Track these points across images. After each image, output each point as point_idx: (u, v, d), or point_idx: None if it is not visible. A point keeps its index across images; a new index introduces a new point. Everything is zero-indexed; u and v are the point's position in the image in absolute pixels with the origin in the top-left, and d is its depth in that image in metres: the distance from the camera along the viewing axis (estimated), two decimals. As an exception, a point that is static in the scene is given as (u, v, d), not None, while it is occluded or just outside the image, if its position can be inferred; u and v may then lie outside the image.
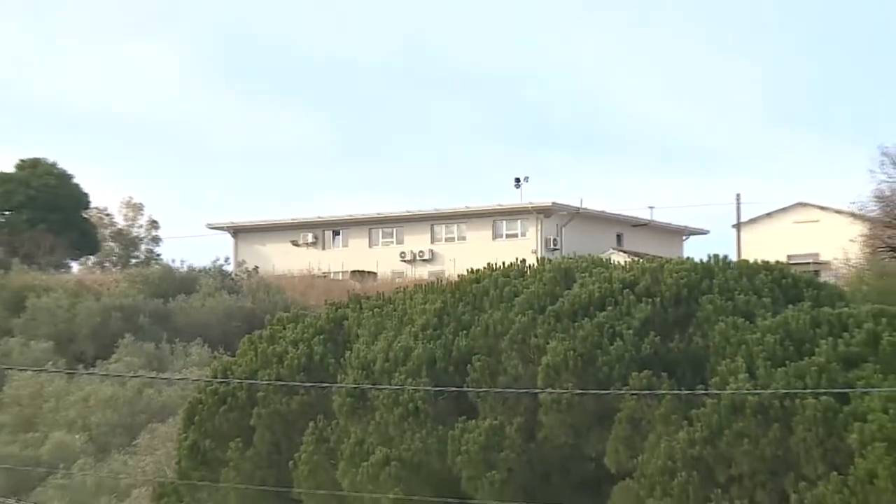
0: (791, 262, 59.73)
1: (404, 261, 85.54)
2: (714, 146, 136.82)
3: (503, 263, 43.80)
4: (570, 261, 43.75)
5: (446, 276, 53.32)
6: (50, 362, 65.30)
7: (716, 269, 40.42)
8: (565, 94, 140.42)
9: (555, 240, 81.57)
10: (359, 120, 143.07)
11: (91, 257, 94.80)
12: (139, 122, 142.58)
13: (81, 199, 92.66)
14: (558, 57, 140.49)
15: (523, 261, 44.42)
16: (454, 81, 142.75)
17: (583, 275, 41.05)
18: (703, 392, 36.47)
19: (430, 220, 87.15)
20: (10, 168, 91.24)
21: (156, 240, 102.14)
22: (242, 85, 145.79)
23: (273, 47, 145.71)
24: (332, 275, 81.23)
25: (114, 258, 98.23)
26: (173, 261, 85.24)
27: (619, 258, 53.49)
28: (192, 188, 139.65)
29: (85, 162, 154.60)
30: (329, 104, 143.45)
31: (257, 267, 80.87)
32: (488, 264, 44.09)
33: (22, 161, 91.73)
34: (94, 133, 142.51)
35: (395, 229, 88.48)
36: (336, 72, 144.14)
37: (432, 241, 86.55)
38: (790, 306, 38.48)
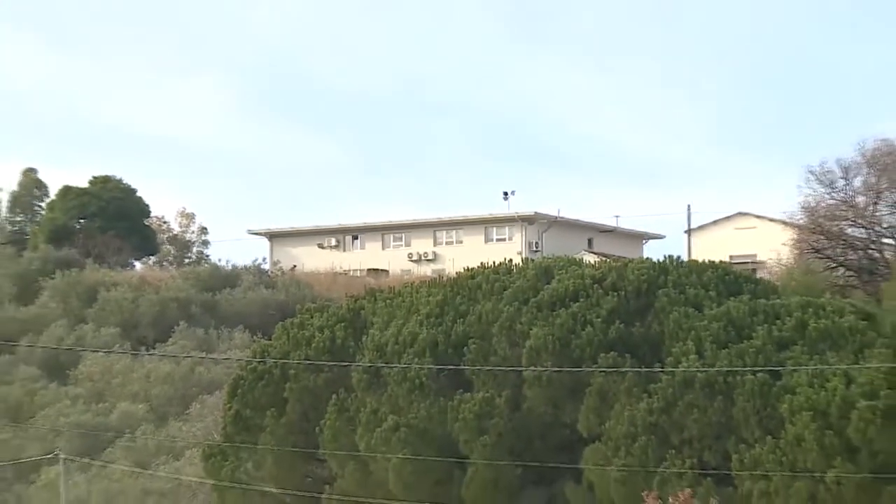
0: (733, 261, 59.58)
1: (411, 260, 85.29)
2: (669, 165, 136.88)
3: (494, 263, 43.75)
4: (549, 260, 43.69)
5: (446, 273, 53.08)
6: (117, 345, 65.29)
7: (670, 267, 40.38)
8: (547, 122, 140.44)
9: (537, 243, 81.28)
10: (374, 142, 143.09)
11: (151, 258, 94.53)
12: (192, 144, 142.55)
13: (144, 210, 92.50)
14: (541, 91, 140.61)
15: (510, 261, 44.38)
16: (453, 110, 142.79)
17: (560, 272, 41.00)
18: (660, 370, 36.43)
19: (433, 226, 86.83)
20: (84, 184, 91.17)
21: (205, 243, 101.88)
22: (276, 113, 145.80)
23: (303, 82, 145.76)
24: (351, 272, 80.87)
25: (170, 258, 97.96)
26: (219, 260, 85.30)
27: (590, 258, 53.35)
28: (236, 200, 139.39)
29: (147, 178, 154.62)
30: (349, 129, 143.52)
31: (294, 266, 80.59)
32: (481, 264, 44.05)
33: (94, 178, 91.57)
34: (155, 153, 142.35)
35: (403, 234, 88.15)
36: (355, 102, 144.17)
37: (435, 244, 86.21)
38: (732, 298, 38.44)
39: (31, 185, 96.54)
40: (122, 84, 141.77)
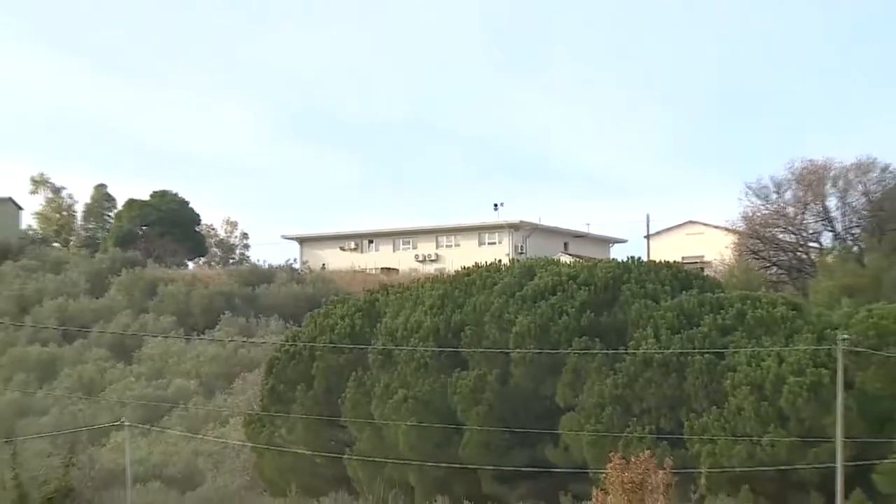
0: (684, 262, 59.54)
1: (417, 261, 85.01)
2: (632, 180, 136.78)
3: (486, 263, 43.82)
4: (532, 261, 43.75)
5: (447, 271, 53.07)
6: (173, 331, 65.22)
7: (632, 266, 40.43)
8: (530, 143, 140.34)
9: (521, 246, 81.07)
10: (387, 161, 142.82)
11: (201, 258, 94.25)
12: (235, 162, 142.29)
13: (195, 218, 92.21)
14: (525, 116, 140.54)
15: (500, 261, 44.48)
16: (453, 133, 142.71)
17: (541, 270, 41.06)
18: (624, 351, 36.50)
19: (436, 232, 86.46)
20: (146, 197, 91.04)
21: (246, 246, 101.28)
22: (305, 135, 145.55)
23: (328, 109, 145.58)
24: (367, 271, 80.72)
25: (217, 259, 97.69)
26: (258, 261, 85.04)
27: (566, 259, 53.32)
28: (271, 209, 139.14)
29: (198, 191, 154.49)
30: (366, 150, 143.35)
31: (324, 265, 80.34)
32: (475, 263, 44.11)
33: (154, 192, 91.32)
34: (205, 170, 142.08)
35: (411, 239, 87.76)
36: (371, 127, 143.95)
37: (437, 247, 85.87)
38: (684, 292, 38.50)
39: (102, 198, 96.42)
40: (177, 111, 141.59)
